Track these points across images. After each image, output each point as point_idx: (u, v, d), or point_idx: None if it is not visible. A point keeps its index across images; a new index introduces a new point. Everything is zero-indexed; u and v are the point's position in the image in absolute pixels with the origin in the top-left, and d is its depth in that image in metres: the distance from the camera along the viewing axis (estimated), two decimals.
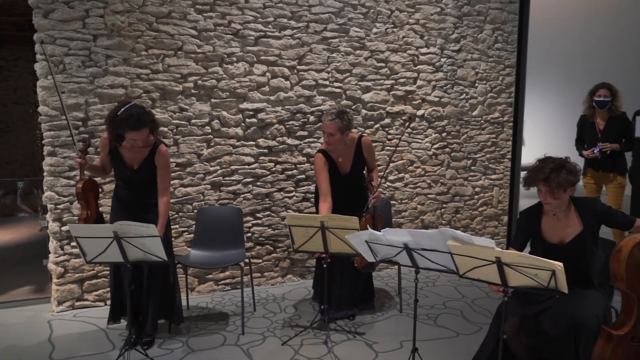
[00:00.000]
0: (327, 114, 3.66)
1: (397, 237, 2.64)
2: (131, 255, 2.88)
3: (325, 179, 3.75)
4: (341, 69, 4.74)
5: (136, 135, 3.16)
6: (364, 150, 3.85)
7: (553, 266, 2.13)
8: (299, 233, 3.31)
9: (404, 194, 5.18)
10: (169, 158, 3.44)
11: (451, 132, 5.33)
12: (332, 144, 3.70)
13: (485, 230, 5.66)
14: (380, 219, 3.84)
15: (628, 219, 2.66)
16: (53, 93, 3.82)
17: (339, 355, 3.34)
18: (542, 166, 2.62)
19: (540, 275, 2.16)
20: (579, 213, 2.69)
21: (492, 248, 2.26)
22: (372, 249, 2.83)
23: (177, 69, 4.16)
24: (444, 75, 5.22)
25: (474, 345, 3.41)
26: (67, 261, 4.00)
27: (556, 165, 2.59)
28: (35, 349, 3.41)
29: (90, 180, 3.39)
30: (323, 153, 3.79)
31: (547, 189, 2.57)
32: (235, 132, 4.42)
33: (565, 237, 2.70)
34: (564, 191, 2.59)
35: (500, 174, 5.67)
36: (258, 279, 4.66)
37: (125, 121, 3.10)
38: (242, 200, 4.51)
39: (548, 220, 2.75)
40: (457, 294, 4.47)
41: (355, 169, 3.85)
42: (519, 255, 2.19)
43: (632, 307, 2.38)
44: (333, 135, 3.65)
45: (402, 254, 2.71)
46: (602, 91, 4.64)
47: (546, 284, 2.19)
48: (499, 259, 2.24)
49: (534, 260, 2.15)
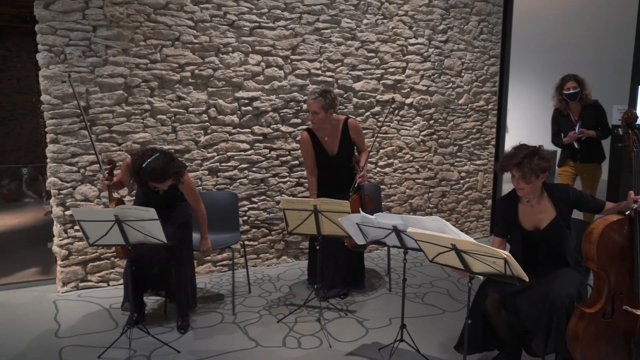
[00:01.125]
0: (311, 93, 3.65)
1: (388, 220, 2.65)
2: (132, 238, 2.87)
3: (309, 156, 3.82)
4: (333, 59, 4.71)
5: (160, 186, 3.12)
6: (351, 132, 3.79)
7: (502, 255, 2.11)
8: (293, 216, 3.32)
9: (393, 178, 5.18)
10: (191, 182, 3.40)
11: (438, 119, 5.33)
12: (316, 122, 3.67)
13: (470, 213, 5.69)
14: (369, 199, 3.80)
15: (598, 202, 2.67)
16: (55, 82, 3.77)
17: (331, 332, 3.37)
18: (516, 152, 2.61)
19: (497, 263, 2.16)
20: (551, 199, 2.68)
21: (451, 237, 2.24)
22: (362, 231, 2.83)
23: (175, 58, 4.12)
24: (432, 65, 5.20)
25: (459, 321, 3.45)
26: (70, 244, 3.98)
27: (529, 151, 2.58)
28: (42, 327, 3.41)
29: (120, 200, 3.40)
30: (309, 132, 3.80)
31: (520, 174, 2.57)
32: (231, 120, 4.40)
33: (540, 223, 2.70)
34: (536, 177, 2.57)
35: (485, 159, 5.68)
36: (254, 260, 4.67)
37: (150, 175, 3.01)
38: (239, 185, 4.50)
39: (523, 207, 2.75)
40: (443, 273, 4.50)
41: (342, 151, 3.80)
42: (471, 243, 2.18)
43: (603, 286, 2.40)
44: (317, 113, 3.61)
45: (391, 236, 2.71)
46: (570, 83, 4.42)
47: (504, 271, 2.18)
48: (455, 246, 2.23)
49: (485, 248, 2.14)
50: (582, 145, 4.46)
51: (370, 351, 3.08)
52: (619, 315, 2.36)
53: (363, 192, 3.74)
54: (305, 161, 3.89)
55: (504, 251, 2.13)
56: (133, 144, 4.07)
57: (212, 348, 3.13)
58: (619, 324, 2.36)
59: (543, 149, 2.63)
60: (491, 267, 2.22)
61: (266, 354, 3.08)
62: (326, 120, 3.67)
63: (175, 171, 3.08)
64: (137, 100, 4.06)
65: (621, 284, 2.38)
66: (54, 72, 3.76)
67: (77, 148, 3.91)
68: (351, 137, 3.81)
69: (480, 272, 2.31)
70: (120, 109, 4.01)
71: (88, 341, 3.21)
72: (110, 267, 4.15)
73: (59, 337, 3.28)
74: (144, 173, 3.02)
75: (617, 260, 2.38)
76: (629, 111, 2.57)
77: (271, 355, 3.06)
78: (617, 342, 2.36)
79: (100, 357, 3.00)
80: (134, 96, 4.04)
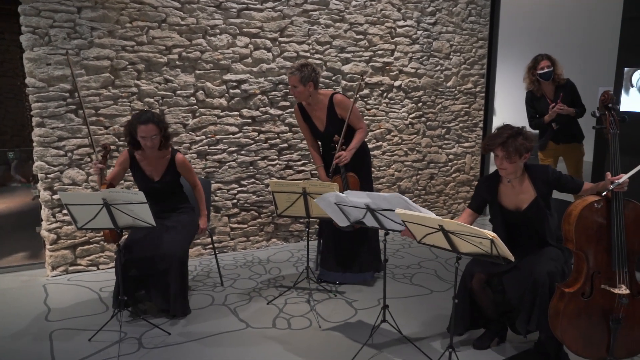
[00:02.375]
0: (290, 68, 3.66)
1: (358, 198, 2.65)
2: (121, 222, 2.85)
3: (304, 128, 3.86)
4: (321, 41, 4.67)
5: (144, 130, 3.15)
6: (336, 107, 3.68)
7: (488, 236, 2.13)
8: (282, 199, 3.32)
9: (382, 161, 5.19)
10: (188, 161, 3.46)
11: (427, 102, 5.32)
12: (296, 96, 3.66)
13: (458, 195, 5.73)
14: (353, 180, 3.69)
15: (577, 183, 2.69)
16: (40, 65, 3.71)
17: (320, 312, 3.40)
18: (501, 132, 2.63)
19: (484, 243, 2.18)
20: (531, 180, 2.70)
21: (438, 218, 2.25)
22: (343, 211, 2.81)
23: (162, 40, 4.06)
24: (420, 48, 5.18)
25: (446, 301, 3.49)
26: (59, 228, 3.96)
27: (514, 131, 2.60)
28: (32, 311, 3.40)
29: (111, 185, 3.34)
30: (299, 105, 3.80)
31: (504, 153, 2.58)
32: (220, 103, 4.36)
33: (521, 203, 2.72)
34: (520, 157, 2.59)
35: (473, 142, 5.71)
36: (244, 243, 4.67)
37: (137, 117, 3.20)
38: (227, 168, 4.48)
39: (504, 187, 2.77)
40: (431, 254, 4.54)
41: (330, 127, 3.72)
42: (457, 224, 2.20)
43: (582, 266, 2.44)
44: (295, 87, 3.59)
45: (368, 216, 2.71)
46: (544, 62, 4.30)
47: (490, 251, 2.21)
48: (442, 227, 2.25)
49: (471, 229, 2.15)
50: (561, 125, 4.38)
51: (358, 331, 3.12)
52: (598, 294, 2.41)
53: (344, 173, 3.64)
54: (303, 134, 3.94)
55: (490, 232, 2.14)
56: (120, 127, 4.02)
57: (203, 330, 3.15)
58: (598, 303, 2.41)
59: (526, 129, 2.65)
60: (478, 248, 2.24)
61: (256, 335, 3.10)
62: (306, 94, 3.62)
63: (161, 120, 3.25)
64: (124, 83, 4.00)
65: (599, 264, 2.42)
66: (39, 55, 3.69)
67: (63, 132, 3.86)
68: (337, 112, 3.70)
69: (467, 253, 2.33)
70: (107, 92, 3.95)
71: (78, 324, 3.21)
72: (99, 251, 4.13)
73: (49, 320, 3.27)
74: (133, 118, 3.23)
75: (595, 240, 2.42)
76: (606, 92, 2.58)
77: (261, 336, 3.09)
78: (596, 320, 2.41)
79: (91, 340, 3.00)
80: (121, 79, 3.99)
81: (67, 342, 3.00)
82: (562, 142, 4.47)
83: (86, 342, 2.98)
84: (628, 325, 2.42)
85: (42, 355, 2.85)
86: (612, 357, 2.44)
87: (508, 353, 2.89)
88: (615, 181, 2.39)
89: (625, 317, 2.39)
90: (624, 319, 2.39)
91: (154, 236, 3.24)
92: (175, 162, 3.37)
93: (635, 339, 2.44)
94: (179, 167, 3.38)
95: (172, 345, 2.96)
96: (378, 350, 2.90)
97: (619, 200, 2.39)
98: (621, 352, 2.45)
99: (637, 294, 2.42)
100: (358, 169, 3.76)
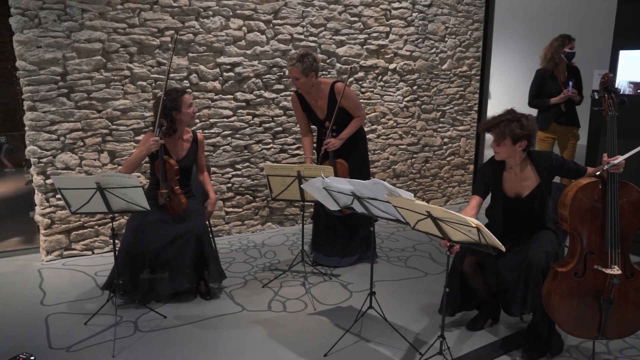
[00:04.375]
0: (290, 59, 3.53)
1: (341, 185, 2.62)
2: (115, 206, 2.83)
3: (301, 117, 3.80)
4: (316, 23, 4.61)
5: (188, 98, 3.28)
6: (337, 96, 3.60)
7: (471, 223, 2.10)
8: (277, 182, 3.30)
9: (377, 145, 5.18)
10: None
11: (422, 85, 5.30)
12: (299, 88, 3.60)
13: (453, 178, 5.73)
14: (340, 166, 3.64)
15: (580, 167, 2.68)
16: (30, 47, 3.65)
17: (316, 295, 3.41)
18: (500, 115, 2.62)
19: (472, 232, 2.16)
20: (535, 167, 2.69)
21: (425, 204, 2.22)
22: (332, 196, 2.80)
23: (154, 22, 4.00)
24: (415, 30, 5.13)
25: (441, 283, 3.51)
26: (53, 213, 3.93)
27: (512, 117, 2.58)
28: (27, 295, 3.40)
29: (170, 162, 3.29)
30: (298, 95, 3.73)
31: (495, 136, 2.60)
32: (214, 86, 4.32)
33: (523, 190, 2.72)
34: (513, 143, 2.58)
35: (468, 125, 5.69)
36: (239, 227, 4.67)
37: (174, 92, 3.25)
38: (222, 152, 4.45)
39: (507, 174, 2.76)
40: (426, 238, 4.55)
41: (331, 115, 3.64)
42: (443, 211, 2.18)
43: (576, 246, 2.46)
44: (298, 79, 3.52)
45: (356, 203, 2.69)
46: (574, 43, 4.36)
47: (479, 239, 2.20)
48: (429, 213, 2.23)
49: (456, 216, 2.13)
50: (568, 107, 4.45)
51: (353, 315, 3.13)
52: (590, 274, 2.43)
53: (332, 160, 3.60)
54: (298, 122, 3.89)
55: (474, 220, 2.11)
56: (113, 111, 3.98)
57: (198, 313, 3.16)
58: (590, 283, 2.43)
59: (531, 119, 2.60)
60: (467, 236, 2.22)
61: (252, 317, 3.11)
62: (309, 84, 3.57)
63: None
64: (116, 66, 3.95)
65: (593, 244, 2.44)
66: (29, 37, 3.63)
67: (55, 115, 3.81)
68: (338, 101, 3.63)
69: (458, 241, 2.32)
70: (99, 75, 3.90)
71: (74, 308, 3.21)
72: (94, 235, 4.12)
73: (44, 305, 3.27)
74: (168, 95, 3.23)
75: (589, 221, 2.44)
76: (606, 75, 2.57)
77: (257, 318, 3.10)
78: (588, 300, 2.44)
79: (87, 323, 3.00)
80: (113, 62, 3.93)
81: (63, 326, 3.00)
82: (564, 125, 4.52)
83: (82, 326, 2.98)
84: (619, 306, 2.44)
85: (38, 339, 2.86)
86: (603, 336, 2.47)
87: (501, 334, 2.92)
88: (610, 162, 2.39)
89: (617, 298, 2.42)
90: (615, 300, 2.42)
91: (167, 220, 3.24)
92: (197, 140, 3.43)
93: (625, 321, 2.47)
94: (200, 145, 3.46)
95: (168, 329, 2.96)
96: (367, 339, 2.92)
97: (614, 182, 2.40)
98: (612, 333, 2.48)
99: (630, 275, 2.44)
100: (351, 156, 3.72)
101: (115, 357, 2.67)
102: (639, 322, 2.48)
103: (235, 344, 2.81)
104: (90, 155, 3.98)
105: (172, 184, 3.24)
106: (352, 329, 2.92)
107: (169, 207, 3.28)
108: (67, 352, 2.73)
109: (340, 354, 2.71)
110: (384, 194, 2.39)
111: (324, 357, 2.68)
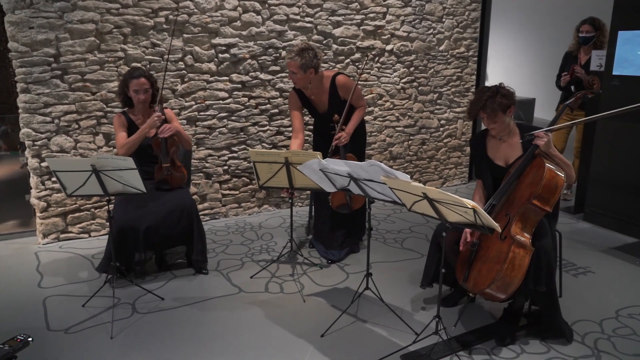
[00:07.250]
0: (289, 52, 3.38)
1: (337, 166, 2.62)
2: (110, 188, 2.82)
3: (296, 116, 3.63)
4: (312, 4, 4.56)
5: (137, 83, 3.27)
6: (339, 90, 3.52)
7: (467, 205, 2.10)
8: (264, 169, 3.17)
9: (374, 127, 5.16)
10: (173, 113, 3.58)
11: (419, 66, 5.26)
12: (296, 83, 3.46)
13: (449, 160, 5.73)
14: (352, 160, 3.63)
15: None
16: (22, 28, 3.60)
17: (313, 277, 3.43)
18: (479, 96, 2.67)
19: (469, 213, 2.17)
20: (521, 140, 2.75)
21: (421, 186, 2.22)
22: (329, 178, 2.79)
23: (148, 3, 3.95)
24: (413, 10, 5.08)
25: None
26: (49, 196, 3.92)
27: (491, 92, 2.64)
28: (24, 278, 3.41)
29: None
30: (297, 90, 3.61)
31: (487, 115, 2.64)
32: (209, 68, 4.28)
33: (509, 158, 2.78)
34: (503, 113, 2.64)
35: (464, 107, 5.67)
36: (236, 210, 4.67)
37: (129, 73, 3.31)
38: (218, 134, 4.43)
39: (492, 141, 2.83)
40: (422, 219, 4.57)
41: (332, 109, 3.58)
42: (439, 192, 2.18)
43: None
44: (295, 73, 3.37)
45: (352, 184, 2.69)
46: (585, 27, 4.44)
47: (475, 221, 2.20)
48: (425, 195, 2.24)
49: (452, 197, 2.13)
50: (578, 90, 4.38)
51: (350, 296, 3.15)
52: None
53: (343, 154, 3.51)
54: (292, 122, 3.66)
55: (470, 201, 2.12)
56: (108, 93, 3.95)
57: (196, 295, 3.17)
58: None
59: (503, 86, 2.69)
60: (464, 217, 2.23)
61: (249, 299, 3.13)
62: (305, 81, 3.43)
63: (150, 74, 3.36)
64: (110, 48, 3.90)
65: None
66: (20, 18, 3.58)
67: (49, 98, 3.78)
68: (340, 95, 3.54)
69: (455, 222, 2.32)
70: (93, 56, 3.86)
71: (72, 291, 3.22)
72: (90, 218, 4.11)
73: (42, 287, 3.28)
74: (126, 74, 3.33)
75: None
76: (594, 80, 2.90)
77: (254, 299, 3.12)
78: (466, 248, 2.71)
79: (84, 305, 3.01)
80: (107, 43, 3.89)
81: (60, 308, 3.01)
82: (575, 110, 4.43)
83: (80, 308, 2.99)
84: (481, 259, 2.58)
85: (36, 321, 2.87)
86: (465, 282, 2.63)
87: (498, 315, 2.95)
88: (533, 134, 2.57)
89: (481, 249, 2.58)
90: (478, 248, 2.59)
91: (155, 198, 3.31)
92: (166, 116, 3.39)
93: (480, 276, 2.55)
94: (170, 117, 3.46)
95: (166, 310, 2.98)
96: (363, 320, 2.94)
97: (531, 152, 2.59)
98: (470, 282, 2.61)
99: (502, 238, 2.52)
100: (357, 149, 3.67)
101: (114, 338, 2.69)
102: (485, 281, 2.51)
103: (233, 325, 2.83)
104: (85, 137, 3.96)
105: (174, 157, 3.39)
106: (349, 310, 2.95)
107: (169, 181, 3.39)
108: (65, 333, 2.74)
109: (337, 335, 2.73)
110: (381, 176, 2.39)
111: (321, 337, 2.70)
